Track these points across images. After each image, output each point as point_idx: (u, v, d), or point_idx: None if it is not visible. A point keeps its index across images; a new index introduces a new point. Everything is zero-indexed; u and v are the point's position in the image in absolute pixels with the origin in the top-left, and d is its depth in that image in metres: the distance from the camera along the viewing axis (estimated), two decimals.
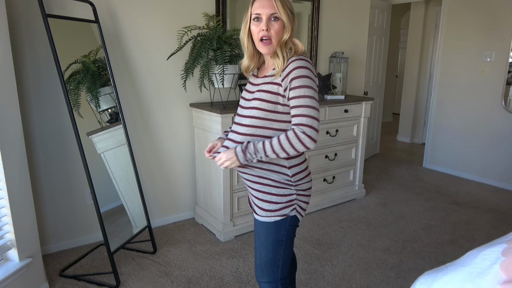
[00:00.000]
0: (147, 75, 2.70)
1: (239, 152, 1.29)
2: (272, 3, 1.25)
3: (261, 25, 1.26)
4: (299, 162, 1.38)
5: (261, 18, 1.26)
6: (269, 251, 1.39)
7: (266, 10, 1.25)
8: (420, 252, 2.60)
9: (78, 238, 2.63)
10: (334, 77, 3.52)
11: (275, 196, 1.36)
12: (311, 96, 1.24)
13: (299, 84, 1.24)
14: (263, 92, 1.31)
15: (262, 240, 1.40)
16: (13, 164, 1.85)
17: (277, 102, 1.29)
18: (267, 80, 1.33)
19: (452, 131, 4.30)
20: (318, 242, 2.71)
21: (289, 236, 1.40)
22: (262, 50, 1.30)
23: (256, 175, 1.37)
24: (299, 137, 1.22)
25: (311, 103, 1.23)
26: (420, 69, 5.63)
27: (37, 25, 2.24)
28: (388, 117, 7.51)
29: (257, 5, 1.27)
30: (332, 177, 3.32)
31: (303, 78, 1.24)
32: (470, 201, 3.54)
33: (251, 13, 1.29)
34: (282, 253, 1.39)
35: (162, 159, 2.88)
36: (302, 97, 1.23)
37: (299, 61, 1.26)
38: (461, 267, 1.13)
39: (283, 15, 1.25)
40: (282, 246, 1.39)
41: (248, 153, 1.28)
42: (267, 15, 1.25)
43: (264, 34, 1.26)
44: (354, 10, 3.78)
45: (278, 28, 1.26)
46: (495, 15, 3.80)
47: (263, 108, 1.30)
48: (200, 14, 2.81)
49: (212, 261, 2.45)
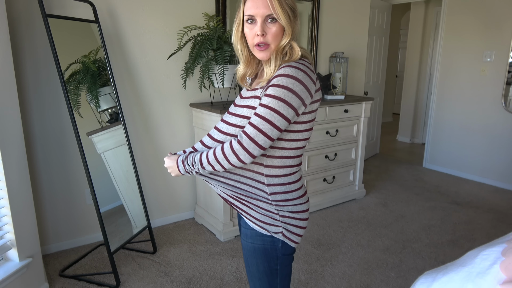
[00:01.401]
0: (147, 75, 2.70)
1: (179, 162, 1.17)
2: (267, 2, 1.03)
3: (255, 28, 1.06)
4: (284, 182, 1.14)
5: (255, 20, 1.06)
6: (264, 281, 1.22)
7: (261, 10, 1.03)
8: (420, 252, 2.60)
9: (78, 238, 2.63)
10: (334, 77, 3.52)
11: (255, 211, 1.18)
12: (274, 109, 1.02)
13: (271, 92, 1.03)
14: (249, 109, 1.11)
15: (254, 271, 1.23)
16: (13, 164, 1.85)
17: None
18: (254, 93, 1.13)
19: (452, 131, 4.30)
20: (318, 242, 2.71)
21: (285, 263, 1.22)
22: (258, 55, 1.10)
23: (232, 187, 1.19)
24: (233, 148, 1.04)
25: (269, 116, 1.02)
26: (420, 69, 5.63)
27: (37, 25, 2.24)
28: (388, 117, 7.52)
29: (250, 5, 1.05)
30: (332, 177, 3.32)
31: (280, 88, 1.02)
32: (470, 201, 3.54)
33: (243, 13, 1.08)
34: (278, 281, 1.23)
35: (162, 159, 2.88)
36: (264, 106, 1.03)
37: (288, 69, 1.04)
38: (461, 267, 1.13)
39: (282, 16, 1.03)
40: (277, 276, 1.22)
41: (187, 163, 1.15)
42: (262, 17, 1.04)
43: (259, 41, 1.06)
44: (354, 10, 3.78)
45: (276, 31, 1.06)
46: (495, 15, 3.80)
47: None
48: (200, 14, 2.81)
49: (212, 261, 2.45)
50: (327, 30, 3.59)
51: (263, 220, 1.18)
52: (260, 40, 1.06)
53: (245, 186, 1.17)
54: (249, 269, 1.26)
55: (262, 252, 1.20)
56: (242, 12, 1.09)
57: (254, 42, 1.08)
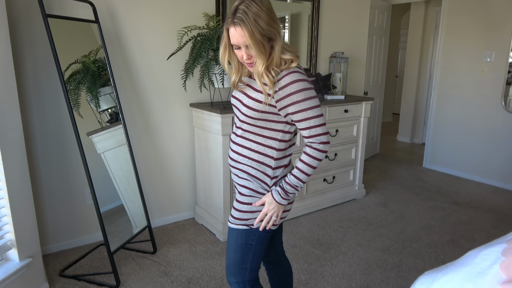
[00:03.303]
0: (147, 75, 2.70)
1: (280, 201, 1.31)
2: (241, 32, 1.17)
3: (240, 53, 1.23)
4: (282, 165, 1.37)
5: (238, 46, 1.22)
6: (238, 254, 1.38)
7: (239, 40, 1.19)
8: (420, 252, 2.60)
9: (78, 238, 2.63)
10: (334, 77, 3.52)
11: (246, 205, 1.36)
12: (314, 106, 1.25)
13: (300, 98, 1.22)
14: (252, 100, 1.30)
15: (232, 242, 1.40)
16: (13, 164, 1.85)
17: (264, 111, 1.28)
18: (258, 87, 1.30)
19: (452, 131, 4.30)
20: (318, 242, 2.71)
21: (260, 241, 1.38)
22: (250, 69, 1.29)
23: (241, 178, 1.39)
24: (320, 150, 1.27)
25: (315, 113, 1.25)
26: (420, 69, 5.63)
27: (37, 25, 2.24)
28: (388, 117, 7.52)
29: (231, 35, 1.21)
30: (332, 177, 3.32)
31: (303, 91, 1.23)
32: (470, 201, 3.54)
33: (227, 39, 1.26)
34: (250, 256, 1.39)
35: (162, 159, 2.88)
36: (306, 109, 1.24)
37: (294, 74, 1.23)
38: (461, 267, 1.13)
39: (253, 45, 1.18)
40: (251, 250, 1.38)
41: (289, 194, 1.31)
42: (242, 44, 1.20)
43: (247, 62, 1.25)
44: (354, 10, 3.78)
45: (256, 54, 1.21)
46: (495, 15, 3.80)
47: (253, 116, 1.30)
48: (200, 14, 2.81)
49: (212, 261, 2.45)
50: (327, 30, 3.59)
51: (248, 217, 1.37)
52: (248, 61, 1.25)
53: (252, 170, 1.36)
54: (228, 240, 1.42)
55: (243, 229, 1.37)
56: (225, 37, 1.26)
57: (245, 62, 1.26)
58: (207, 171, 2.81)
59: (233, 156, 1.39)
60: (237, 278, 1.41)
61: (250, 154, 1.34)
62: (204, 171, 2.86)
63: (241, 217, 1.37)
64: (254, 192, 1.36)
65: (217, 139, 2.59)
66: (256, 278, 1.44)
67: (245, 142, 1.35)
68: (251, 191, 1.36)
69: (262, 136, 1.33)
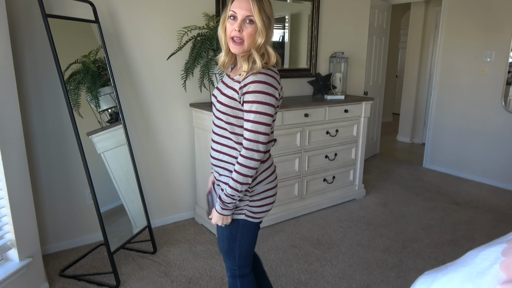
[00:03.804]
0: (147, 75, 2.70)
1: (222, 211, 1.35)
2: (250, 5, 1.22)
3: (235, 25, 1.25)
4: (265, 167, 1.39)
5: (236, 17, 1.25)
6: (225, 243, 1.47)
7: (242, 11, 1.23)
8: (420, 252, 2.60)
9: (78, 238, 2.63)
10: (334, 77, 3.52)
11: None
12: (262, 112, 1.25)
13: (252, 99, 1.24)
14: (224, 96, 1.33)
15: (219, 232, 1.49)
16: (13, 164, 1.85)
17: (235, 107, 1.30)
18: (233, 85, 1.32)
19: (452, 131, 4.30)
20: (318, 242, 2.71)
21: (244, 234, 1.44)
22: (232, 49, 1.29)
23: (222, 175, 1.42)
24: (245, 159, 1.27)
25: (261, 119, 1.25)
26: (420, 69, 5.63)
27: (37, 25, 2.24)
28: (388, 117, 7.51)
29: (235, 4, 1.25)
30: (332, 177, 3.32)
31: (256, 95, 1.24)
32: (470, 201, 3.54)
33: (229, 11, 1.27)
34: (237, 247, 1.46)
35: (162, 159, 2.89)
36: (251, 112, 1.25)
37: (259, 75, 1.25)
38: (461, 267, 1.13)
39: (258, 20, 1.23)
40: (236, 241, 1.45)
41: (227, 204, 1.33)
42: (242, 16, 1.24)
43: (235, 35, 1.25)
44: (354, 10, 3.78)
45: (251, 31, 1.25)
46: (495, 15, 3.80)
47: (226, 112, 1.32)
48: (200, 14, 2.81)
49: (212, 261, 2.45)
50: (327, 30, 3.59)
51: None
52: (236, 34, 1.25)
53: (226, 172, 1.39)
54: (217, 230, 1.51)
55: None
56: (228, 9, 1.27)
57: (231, 35, 1.26)
58: (207, 171, 2.81)
59: (214, 154, 1.43)
60: (228, 263, 1.51)
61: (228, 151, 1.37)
62: (204, 171, 2.85)
63: None
64: None
65: None
66: (247, 264, 1.52)
67: (222, 139, 1.38)
68: None
69: (235, 134, 1.35)
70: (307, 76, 3.53)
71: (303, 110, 2.94)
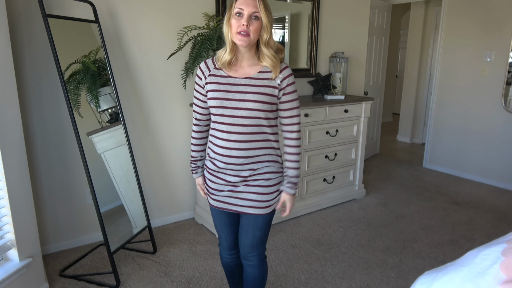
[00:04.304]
0: (147, 75, 2.70)
1: (294, 193, 1.54)
2: (256, 2, 1.32)
3: (241, 20, 1.32)
4: None
5: (242, 14, 1.32)
6: (263, 232, 1.57)
7: (249, 8, 1.32)
8: (420, 252, 2.60)
9: (78, 238, 2.63)
10: (334, 77, 3.52)
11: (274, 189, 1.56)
12: (297, 99, 1.47)
13: (292, 90, 1.45)
14: (262, 95, 1.40)
15: (257, 224, 1.55)
16: (13, 164, 1.85)
17: (274, 103, 1.43)
18: (264, 83, 1.40)
19: (452, 131, 4.30)
20: (318, 242, 2.71)
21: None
22: (238, 42, 1.35)
23: (257, 168, 1.51)
24: (299, 141, 1.52)
25: (298, 104, 1.49)
26: (420, 69, 5.63)
27: (37, 25, 2.24)
28: (388, 117, 7.51)
29: (241, 2, 1.33)
30: (332, 177, 3.32)
31: (294, 85, 1.46)
32: (470, 201, 3.54)
33: (234, 8, 1.34)
34: (268, 231, 1.64)
35: (162, 159, 2.89)
36: (294, 100, 1.46)
37: (289, 69, 1.44)
38: (461, 267, 1.13)
39: (264, 16, 1.33)
40: (270, 226, 1.63)
41: (296, 184, 1.52)
42: (248, 13, 1.32)
43: (243, 29, 1.32)
44: (354, 10, 3.78)
45: (257, 27, 1.34)
46: (495, 15, 3.80)
47: (264, 109, 1.40)
48: (200, 14, 2.81)
49: (212, 261, 2.45)
50: (327, 30, 3.59)
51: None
52: (244, 28, 1.32)
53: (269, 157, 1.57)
54: (252, 224, 1.59)
55: None
56: (233, 7, 1.35)
57: (238, 30, 1.33)
58: None
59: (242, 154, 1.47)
60: (260, 250, 1.61)
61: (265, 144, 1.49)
62: None
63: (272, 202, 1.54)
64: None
65: None
66: None
67: (255, 136, 1.49)
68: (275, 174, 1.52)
69: (271, 126, 1.53)
70: (307, 76, 3.53)
71: (303, 110, 2.94)
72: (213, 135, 1.49)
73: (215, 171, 1.51)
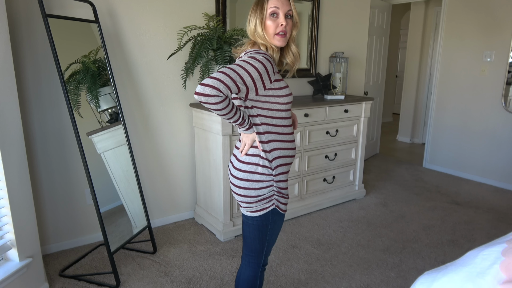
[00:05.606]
0: (147, 75, 2.70)
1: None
2: (288, 1, 1.36)
3: (278, 20, 1.34)
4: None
5: (278, 13, 1.34)
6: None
7: (284, 7, 1.34)
8: (420, 252, 2.60)
9: (78, 238, 2.63)
10: (334, 77, 3.52)
11: None
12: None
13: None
14: None
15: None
16: (13, 164, 1.85)
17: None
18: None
19: (452, 131, 4.30)
20: (318, 242, 2.71)
21: None
22: (278, 43, 1.36)
23: None
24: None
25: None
26: (420, 69, 5.63)
27: (37, 25, 2.24)
28: (388, 117, 7.51)
29: (275, 2, 1.34)
30: (332, 177, 3.32)
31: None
32: (470, 201, 3.54)
33: (268, 9, 1.34)
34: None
35: (162, 159, 2.89)
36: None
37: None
38: (461, 267, 1.13)
39: (295, 14, 1.38)
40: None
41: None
42: (284, 12, 1.34)
43: (282, 29, 1.34)
44: (354, 10, 3.78)
45: (291, 25, 1.38)
46: (495, 15, 3.80)
47: None
48: (200, 14, 2.81)
49: (212, 261, 2.45)
50: (327, 30, 3.59)
51: None
52: (283, 28, 1.34)
53: None
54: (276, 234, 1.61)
55: None
56: (266, 7, 1.34)
57: (277, 31, 1.34)
58: (207, 171, 2.81)
59: None
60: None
61: None
62: (204, 171, 2.86)
63: None
64: None
65: (217, 139, 2.59)
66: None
67: None
68: None
69: None
70: (307, 76, 3.53)
71: (303, 110, 2.94)
72: (282, 133, 1.42)
73: (288, 171, 1.49)
